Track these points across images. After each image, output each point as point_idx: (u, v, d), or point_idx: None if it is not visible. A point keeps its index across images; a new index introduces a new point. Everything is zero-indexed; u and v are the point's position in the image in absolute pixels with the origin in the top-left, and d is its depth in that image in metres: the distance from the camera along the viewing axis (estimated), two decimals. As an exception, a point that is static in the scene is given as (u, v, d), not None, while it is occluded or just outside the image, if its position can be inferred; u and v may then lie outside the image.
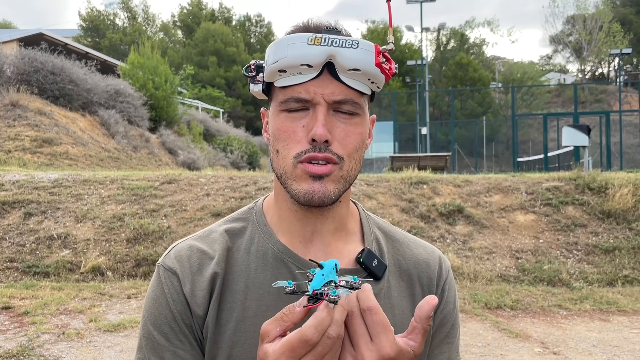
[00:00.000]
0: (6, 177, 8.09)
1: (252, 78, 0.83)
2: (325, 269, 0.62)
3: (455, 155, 22.20)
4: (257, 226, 0.88)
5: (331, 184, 0.79)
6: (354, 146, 0.81)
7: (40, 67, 14.92)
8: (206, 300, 0.81)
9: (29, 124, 13.38)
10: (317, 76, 0.77)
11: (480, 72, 38.92)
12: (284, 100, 0.79)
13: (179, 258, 0.84)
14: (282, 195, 0.85)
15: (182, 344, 0.81)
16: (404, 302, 0.87)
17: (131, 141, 16.05)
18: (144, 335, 0.83)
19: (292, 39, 0.76)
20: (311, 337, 0.59)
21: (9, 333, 4.61)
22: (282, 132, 0.80)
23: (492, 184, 8.52)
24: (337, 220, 0.87)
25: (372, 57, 0.77)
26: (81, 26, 44.35)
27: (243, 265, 0.84)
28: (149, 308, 0.83)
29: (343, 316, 0.62)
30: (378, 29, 42.81)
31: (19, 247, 6.64)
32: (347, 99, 0.78)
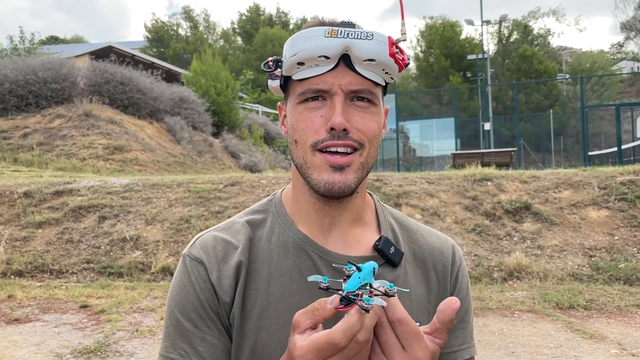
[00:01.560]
0: (82, 183, 8.56)
1: (271, 73, 0.86)
2: (363, 272, 0.62)
3: (520, 150, 21.44)
4: (277, 217, 0.90)
5: (352, 173, 0.81)
6: (373, 133, 0.82)
7: (110, 78, 15.69)
8: (232, 288, 0.83)
9: (101, 133, 14.11)
10: (334, 68, 0.79)
11: (545, 64, 37.39)
12: (302, 92, 0.81)
13: (204, 248, 0.86)
14: (301, 186, 0.88)
15: (210, 330, 0.82)
16: (420, 289, 0.89)
17: (196, 146, 16.58)
18: (172, 324, 0.84)
19: (310, 32, 0.78)
20: (339, 341, 0.60)
21: (87, 330, 4.87)
22: (300, 122, 0.82)
23: (561, 180, 8.17)
24: (354, 211, 0.89)
25: (386, 47, 0.79)
26: (147, 37, 46.31)
27: (265, 253, 0.86)
28: (175, 297, 0.85)
29: (373, 322, 0.62)
30: (436, 25, 42.04)
31: (95, 249, 7.01)
32: (363, 88, 0.81)
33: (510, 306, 5.49)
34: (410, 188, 7.96)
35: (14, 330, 4.85)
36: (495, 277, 6.38)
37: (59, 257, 6.87)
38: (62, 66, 15.64)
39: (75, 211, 7.70)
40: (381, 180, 8.28)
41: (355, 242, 0.88)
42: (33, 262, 6.75)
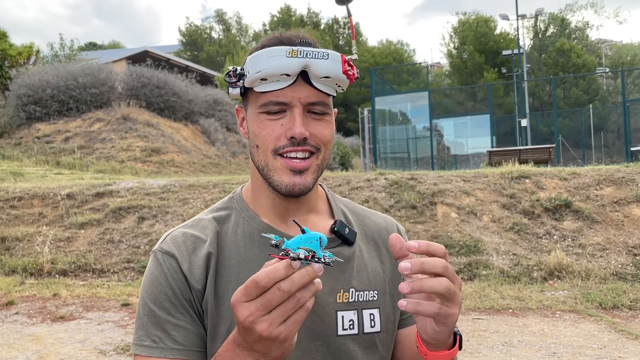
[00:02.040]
0: (121, 185, 8.78)
1: (233, 84, 0.92)
2: (305, 235, 0.69)
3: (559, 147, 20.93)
4: (240, 212, 0.98)
5: (310, 175, 0.91)
6: (327, 138, 0.92)
7: (147, 82, 16.04)
8: (203, 277, 0.89)
9: (138, 135, 14.43)
10: (293, 83, 0.87)
11: (584, 58, 36.34)
12: (264, 103, 0.89)
13: (175, 243, 0.92)
14: (261, 184, 0.96)
15: (183, 317, 0.88)
16: (375, 262, 0.99)
17: (230, 147, 16.79)
18: (145, 314, 0.89)
19: (272, 52, 0.86)
20: (260, 280, 0.66)
21: (129, 328, 4.99)
22: (262, 130, 0.90)
23: (602, 176, 7.93)
24: (310, 204, 0.99)
25: (339, 65, 0.88)
26: (181, 41, 47.12)
27: (233, 245, 0.93)
28: (148, 288, 0.90)
29: (303, 279, 0.67)
30: (470, 21, 41.39)
31: (134, 249, 7.17)
32: (319, 100, 0.90)
33: (551, 306, 5.36)
34: (446, 186, 7.87)
35: (60, 328, 5.01)
36: (534, 276, 6.25)
37: (100, 257, 7.07)
38: (101, 71, 16.07)
39: (115, 212, 7.90)
40: (415, 179, 8.21)
41: (314, 228, 0.95)
42: (76, 261, 6.96)
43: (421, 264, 0.74)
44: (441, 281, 0.74)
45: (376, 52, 43.92)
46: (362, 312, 0.93)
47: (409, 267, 0.73)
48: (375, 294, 0.96)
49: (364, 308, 0.94)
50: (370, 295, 0.95)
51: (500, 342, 4.48)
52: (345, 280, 0.94)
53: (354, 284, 0.94)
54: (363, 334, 0.93)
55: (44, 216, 8.04)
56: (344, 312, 0.92)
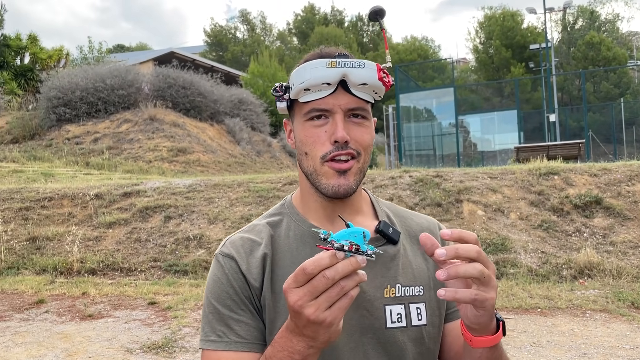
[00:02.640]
0: (148, 185, 8.90)
1: (280, 97, 1.02)
2: (350, 230, 0.76)
3: (589, 142, 20.45)
4: (291, 216, 1.07)
5: (352, 176, 0.98)
6: (367, 143, 1.00)
7: (173, 82, 16.23)
8: (260, 275, 0.98)
9: (165, 136, 14.62)
10: (334, 92, 0.96)
11: (614, 51, 35.41)
12: (308, 111, 0.98)
13: (234, 246, 1.02)
14: (309, 190, 1.04)
15: (244, 313, 0.97)
16: (418, 260, 1.06)
17: (255, 146, 16.88)
18: (210, 312, 0.99)
19: (314, 64, 0.95)
20: (307, 267, 0.74)
21: (155, 326, 5.06)
22: (309, 138, 0.99)
23: (634, 172, 7.71)
24: (354, 206, 1.06)
25: (375, 73, 0.96)
26: (206, 42, 47.58)
27: (286, 247, 1.02)
28: (212, 288, 1.00)
29: (346, 268, 0.74)
30: (496, 15, 40.75)
31: (161, 248, 7.27)
32: (358, 106, 0.98)
33: (581, 305, 5.23)
34: (472, 184, 7.75)
35: (88, 326, 5.11)
36: (564, 275, 6.11)
37: (128, 256, 7.18)
38: (128, 73, 16.32)
39: (142, 212, 8.01)
40: (441, 176, 8.11)
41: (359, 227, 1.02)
42: (104, 260, 7.09)
43: (455, 249, 0.79)
44: (475, 266, 0.79)
45: (400, 48, 43.57)
46: (409, 306, 1.00)
47: (444, 253, 0.78)
48: (421, 289, 1.02)
49: (411, 302, 1.01)
50: (416, 291, 1.02)
51: (528, 342, 4.39)
52: (391, 277, 1.01)
53: (399, 280, 1.01)
54: (411, 326, 0.99)
55: (74, 216, 8.21)
56: (391, 306, 0.99)
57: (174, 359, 4.29)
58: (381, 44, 47.02)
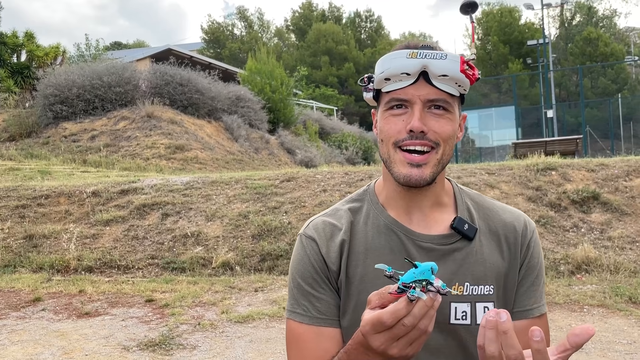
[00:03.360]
0: (145, 182, 8.88)
1: (365, 87, 1.06)
2: (418, 270, 0.75)
3: (587, 138, 20.46)
4: (371, 204, 1.10)
5: (429, 168, 0.99)
6: (447, 134, 1.00)
7: (170, 79, 16.18)
8: (338, 260, 1.05)
9: (162, 133, 14.59)
10: (414, 82, 0.98)
11: (612, 47, 35.42)
12: (388, 100, 1.01)
13: (316, 229, 1.08)
14: (387, 177, 1.08)
15: (324, 291, 1.05)
16: (494, 257, 1.05)
17: (252, 143, 16.85)
18: (295, 287, 1.07)
19: (395, 54, 0.98)
20: (385, 320, 0.76)
21: (152, 324, 5.04)
22: (386, 125, 1.02)
23: (632, 167, 7.71)
24: (434, 197, 1.07)
25: (457, 65, 0.97)
26: (204, 39, 47.45)
27: (362, 234, 1.07)
28: (296, 266, 1.08)
29: (422, 311, 0.75)
30: (494, 11, 40.72)
31: (159, 245, 7.25)
32: (439, 98, 0.99)
33: (578, 300, 5.24)
34: (470, 179, 7.75)
35: (85, 324, 5.09)
36: (561, 270, 6.11)
37: (125, 253, 7.16)
38: (125, 70, 16.26)
39: (139, 209, 8.00)
40: (438, 172, 8.10)
41: (435, 223, 1.07)
42: (102, 258, 7.07)
43: None
44: None
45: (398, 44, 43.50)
46: (476, 305, 1.02)
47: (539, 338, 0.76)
48: (492, 288, 1.03)
49: (478, 301, 1.02)
50: (485, 290, 1.03)
51: (525, 337, 4.38)
52: (461, 274, 1.02)
53: (468, 279, 1.02)
54: (476, 324, 1.00)
55: (70, 214, 8.18)
56: (457, 304, 1.01)
57: (171, 356, 4.28)
58: (379, 40, 46.94)
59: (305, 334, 1.03)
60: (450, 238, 1.04)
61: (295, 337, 1.05)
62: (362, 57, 42.74)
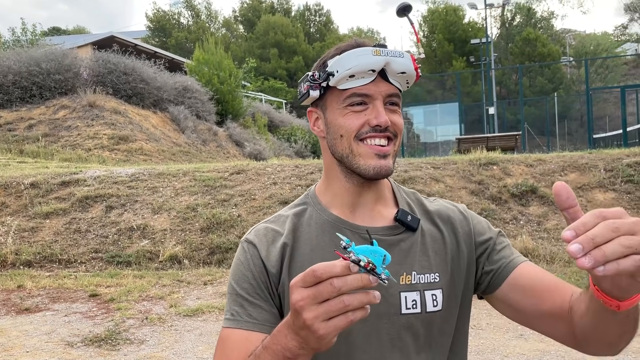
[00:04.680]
0: (88, 174, 8.59)
1: (318, 85, 1.03)
2: (372, 248, 0.74)
3: (525, 134, 21.34)
4: (314, 206, 1.11)
5: (390, 159, 1.03)
6: (401, 127, 1.05)
7: (113, 68, 15.65)
8: (278, 263, 1.03)
9: (105, 123, 14.12)
10: (375, 79, 1.00)
11: (549, 47, 37.04)
12: (349, 96, 1.01)
13: (257, 234, 1.08)
14: (337, 176, 1.08)
15: (258, 296, 1.02)
16: (437, 245, 1.08)
17: (200, 135, 16.58)
18: (229, 292, 1.05)
19: (360, 52, 0.99)
20: (317, 269, 0.73)
21: (97, 319, 4.92)
22: (347, 120, 1.02)
23: (567, 162, 8.14)
24: (379, 191, 1.10)
25: (411, 63, 1.03)
26: (149, 27, 46.10)
27: (306, 235, 1.07)
28: (234, 271, 1.06)
29: (354, 282, 0.72)
30: (439, 9, 41.69)
31: (103, 239, 7.05)
32: (394, 93, 1.03)
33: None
34: (416, 173, 7.95)
35: (25, 320, 4.90)
36: (501, 260, 6.39)
37: (67, 247, 6.92)
38: (65, 57, 15.61)
39: (82, 201, 7.73)
40: (386, 166, 8.27)
41: (379, 216, 1.08)
42: (41, 252, 6.80)
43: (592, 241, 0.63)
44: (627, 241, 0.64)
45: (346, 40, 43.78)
46: (424, 293, 1.02)
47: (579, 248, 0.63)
48: (437, 276, 1.04)
49: (426, 289, 1.03)
50: (431, 278, 1.04)
51: (469, 325, 4.57)
52: (408, 264, 1.03)
53: (415, 268, 1.03)
54: (426, 312, 1.02)
55: (7, 206, 7.82)
56: (407, 293, 1.01)
57: (118, 351, 4.19)
58: (328, 34, 47.10)
59: (232, 338, 0.99)
60: (395, 229, 1.06)
61: (222, 342, 1.01)
62: (311, 50, 42.74)
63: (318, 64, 1.07)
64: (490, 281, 1.07)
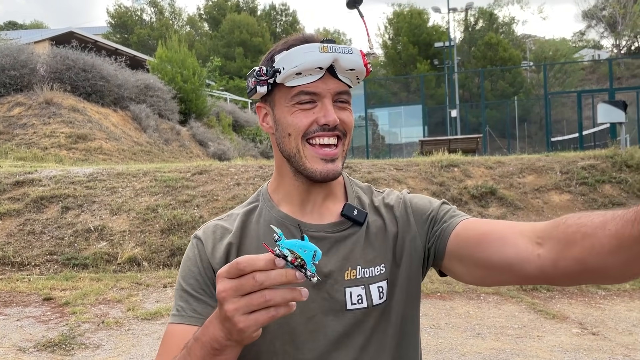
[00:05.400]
0: (43, 173, 8.32)
1: (264, 81, 1.01)
2: (302, 243, 0.71)
3: (486, 137, 21.80)
4: (264, 203, 1.11)
5: (339, 162, 1.02)
6: (351, 125, 1.04)
7: (72, 64, 15.23)
8: (223, 260, 1.02)
9: (63, 121, 13.72)
10: (323, 76, 0.98)
11: (510, 52, 37.94)
12: (296, 94, 0.99)
13: (206, 231, 1.08)
14: (287, 173, 1.07)
15: (203, 292, 1.01)
16: (381, 234, 1.07)
17: (162, 134, 16.30)
18: (176, 288, 1.05)
19: (307, 48, 0.97)
20: (240, 262, 0.72)
21: (51, 323, 4.76)
22: (295, 119, 1.00)
23: (525, 165, 8.34)
24: (328, 188, 1.09)
25: (361, 59, 1.01)
26: (110, 23, 45.07)
27: (254, 232, 1.07)
28: (182, 267, 1.07)
29: (277, 277, 0.71)
30: (404, 12, 42.17)
31: (58, 240, 6.84)
32: (343, 90, 1.02)
33: (476, 289, 5.60)
34: (379, 175, 8.01)
35: (-26, 325, 4.71)
36: (461, 261, 6.50)
37: (20, 249, 6.68)
38: (21, 52, 15.09)
39: (37, 202, 7.48)
40: (350, 167, 8.30)
41: (328, 213, 1.08)
42: (-7, 254, 6.55)
43: None
44: None
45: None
46: (370, 287, 1.02)
47: None
48: (383, 267, 1.04)
49: (371, 283, 1.02)
50: (376, 271, 1.03)
51: (428, 325, 4.63)
52: (352, 259, 1.03)
53: (360, 262, 1.03)
54: (372, 306, 1.01)
55: (-43, 206, 7.49)
56: (352, 289, 1.01)
57: (72, 356, 4.07)
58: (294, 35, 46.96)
59: (175, 333, 0.99)
60: (341, 225, 1.05)
61: (166, 337, 1.01)
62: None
63: (266, 58, 1.04)
64: (437, 248, 1.04)
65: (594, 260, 0.76)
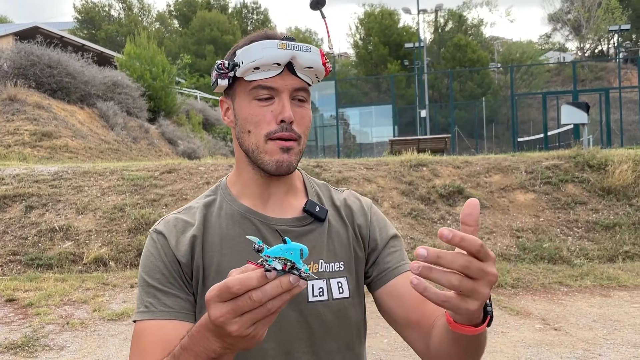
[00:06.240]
0: (6, 172, 8.10)
1: (225, 74, 1.03)
2: (286, 246, 0.69)
3: (455, 137, 22.14)
4: (224, 197, 1.11)
5: (293, 155, 1.04)
6: (307, 126, 1.06)
7: (37, 60, 14.86)
8: (188, 253, 1.03)
9: (27, 118, 13.37)
10: (281, 73, 1.00)
11: (478, 53, 38.57)
12: (254, 88, 1.01)
13: (167, 225, 1.07)
14: (246, 167, 1.09)
15: (172, 285, 1.01)
16: (341, 233, 1.12)
17: (130, 132, 16.04)
18: (140, 285, 1.03)
19: (265, 44, 0.99)
20: (232, 286, 0.69)
21: (14, 325, 4.65)
22: (254, 116, 1.02)
23: (491, 164, 8.51)
24: (288, 183, 1.12)
25: (319, 58, 1.03)
26: (77, 19, 44.09)
27: (216, 225, 1.07)
28: (144, 263, 1.04)
29: (274, 290, 0.69)
30: (375, 13, 42.43)
31: (22, 240, 6.67)
32: (302, 87, 1.03)
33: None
34: (350, 174, 8.06)
35: None
36: (429, 259, 6.59)
37: (-19, 250, 6.50)
38: (-17, 47, 14.64)
39: (-1, 201, 7.28)
40: (321, 166, 8.33)
41: (290, 207, 1.11)
42: (-48, 255, 6.35)
43: (437, 257, 0.69)
44: (451, 279, 0.70)
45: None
46: (330, 281, 1.06)
47: (424, 255, 0.68)
48: (342, 264, 1.08)
49: (331, 277, 1.06)
50: (336, 266, 1.08)
51: (396, 322, 4.69)
52: (315, 253, 1.06)
53: (322, 256, 1.07)
54: (332, 299, 1.05)
55: None
56: (313, 281, 1.04)
57: (36, 358, 3.99)
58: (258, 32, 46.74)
59: (147, 330, 0.97)
60: (304, 220, 1.09)
61: (137, 336, 0.99)
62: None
63: (229, 53, 1.07)
64: (372, 281, 1.12)
65: None
